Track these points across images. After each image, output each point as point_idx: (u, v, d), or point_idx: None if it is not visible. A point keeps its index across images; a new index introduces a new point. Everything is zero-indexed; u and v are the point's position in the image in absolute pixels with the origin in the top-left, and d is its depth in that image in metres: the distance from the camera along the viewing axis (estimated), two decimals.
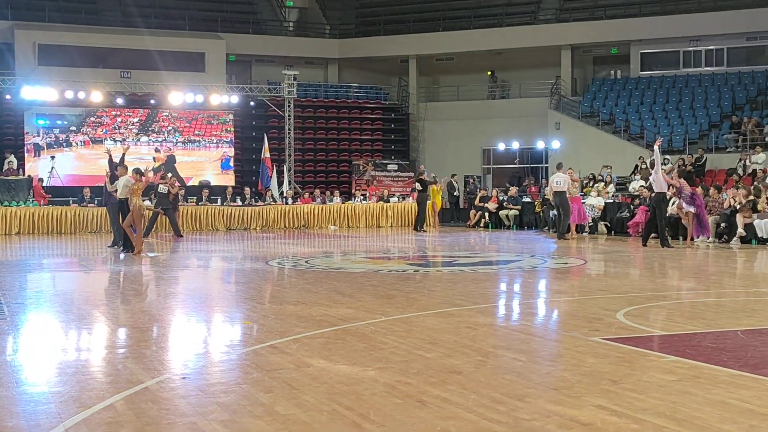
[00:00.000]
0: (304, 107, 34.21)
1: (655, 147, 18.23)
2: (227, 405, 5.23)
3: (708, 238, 18.83)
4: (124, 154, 18.30)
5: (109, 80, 30.27)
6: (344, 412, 5.02)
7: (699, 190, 20.34)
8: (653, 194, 18.38)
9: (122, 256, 16.63)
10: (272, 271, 14.26)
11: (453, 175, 31.07)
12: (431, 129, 35.84)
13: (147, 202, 23.80)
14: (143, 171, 17.67)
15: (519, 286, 12.17)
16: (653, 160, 18.45)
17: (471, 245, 20.41)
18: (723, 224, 19.39)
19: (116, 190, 17.25)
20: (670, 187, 18.70)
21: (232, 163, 32.43)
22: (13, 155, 28.23)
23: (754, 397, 5.30)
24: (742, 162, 25.19)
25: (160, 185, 22.20)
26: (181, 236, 22.13)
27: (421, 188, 26.24)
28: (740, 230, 18.75)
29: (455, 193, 30.72)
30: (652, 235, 18.85)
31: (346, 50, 36.47)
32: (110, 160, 18.46)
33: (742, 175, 24.32)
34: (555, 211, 21.75)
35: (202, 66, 33.13)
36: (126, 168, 17.48)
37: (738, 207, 19.11)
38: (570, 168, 22.16)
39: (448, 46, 35.34)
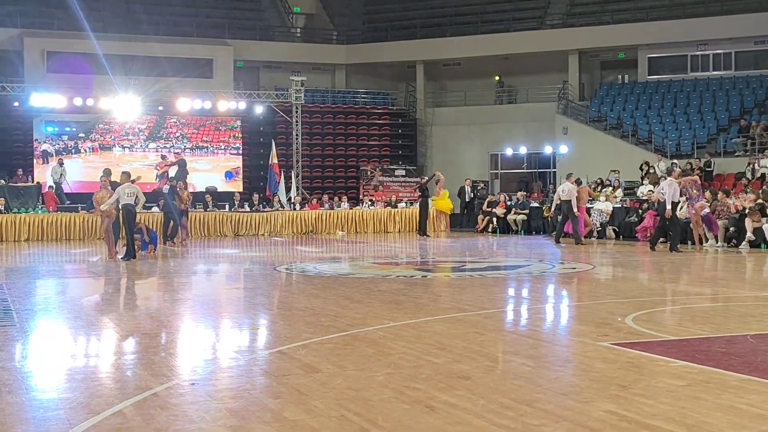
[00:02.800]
0: (311, 113, 34.23)
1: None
2: (236, 411, 5.24)
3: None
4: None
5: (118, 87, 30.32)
6: (353, 418, 5.03)
7: (707, 194, 20.35)
8: (659, 203, 18.41)
9: (124, 261, 16.62)
10: (280, 276, 14.28)
11: (466, 180, 31.07)
12: (439, 134, 35.84)
13: (155, 209, 23.90)
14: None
15: (527, 291, 12.15)
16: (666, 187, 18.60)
17: (479, 250, 20.39)
18: (732, 228, 19.33)
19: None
20: (683, 192, 18.91)
21: (240, 171, 32.41)
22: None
23: (764, 401, 5.28)
24: (751, 166, 25.12)
25: (165, 188, 22.27)
26: (173, 243, 21.84)
27: (420, 194, 26.17)
28: (749, 234, 18.69)
29: (467, 198, 30.70)
30: (660, 239, 18.88)
31: (353, 56, 36.51)
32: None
33: (750, 179, 24.24)
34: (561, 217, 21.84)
35: (210, 72, 33.20)
36: (128, 175, 17.60)
37: (747, 211, 19.06)
38: (571, 174, 22.26)
39: (455, 51, 35.33)
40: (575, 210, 20.89)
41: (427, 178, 27.69)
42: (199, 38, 33.72)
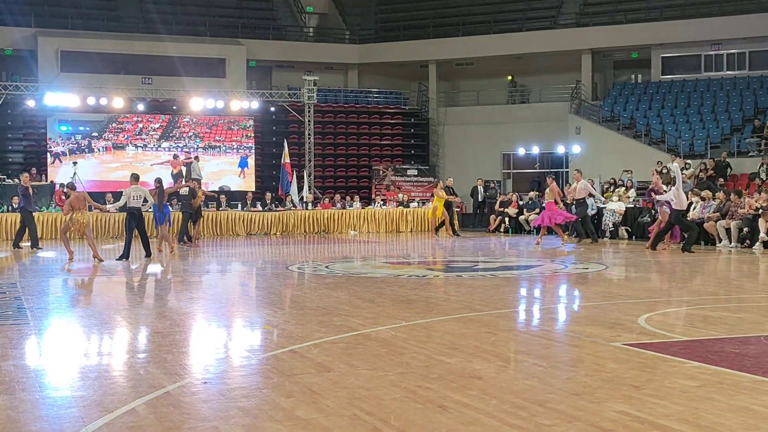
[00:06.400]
0: (324, 112, 34.25)
1: (674, 166, 18.62)
2: (248, 409, 5.26)
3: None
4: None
5: (131, 86, 30.46)
6: (365, 417, 5.03)
7: (720, 194, 20.31)
8: (672, 210, 18.39)
9: (144, 261, 16.77)
10: (292, 276, 14.30)
11: (478, 179, 31.04)
12: (451, 134, 35.80)
13: (167, 209, 23.96)
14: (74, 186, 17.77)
15: (539, 291, 12.13)
16: (674, 177, 18.77)
17: (491, 250, 20.37)
18: (745, 229, 19.24)
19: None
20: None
21: (251, 162, 32.38)
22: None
23: None
24: (765, 166, 24.97)
25: (182, 189, 22.35)
26: (184, 242, 22.00)
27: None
28: (762, 235, 18.61)
29: (480, 198, 30.67)
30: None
31: (366, 55, 36.50)
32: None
33: (764, 179, 24.12)
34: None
35: (223, 72, 33.27)
36: (137, 177, 17.62)
37: (760, 211, 18.96)
38: (552, 177, 22.64)
39: (467, 51, 35.27)
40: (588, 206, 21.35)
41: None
42: (211, 38, 33.81)
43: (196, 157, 29.43)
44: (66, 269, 15.59)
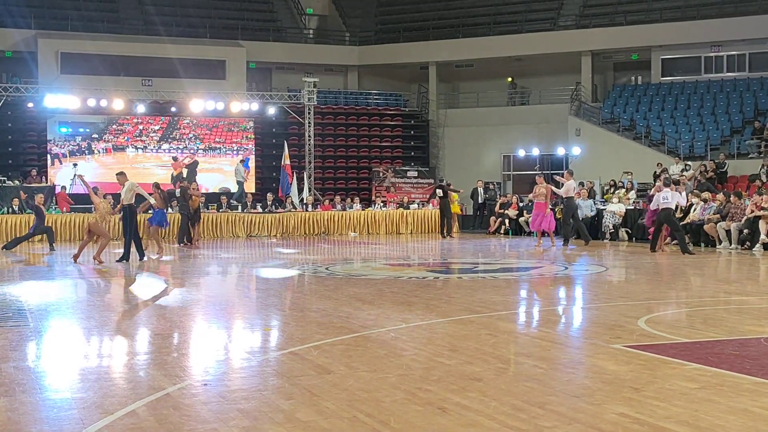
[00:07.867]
0: (324, 114, 34.27)
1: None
2: (248, 412, 5.26)
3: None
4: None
5: (131, 88, 30.47)
6: (365, 419, 5.03)
7: (720, 196, 20.29)
8: (661, 210, 18.37)
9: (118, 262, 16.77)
10: (292, 277, 14.30)
11: (478, 181, 31.07)
12: (451, 135, 35.82)
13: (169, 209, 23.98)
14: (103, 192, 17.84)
15: (539, 293, 12.13)
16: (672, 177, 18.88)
17: (491, 252, 20.37)
18: (746, 231, 19.24)
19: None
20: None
21: (252, 163, 32.40)
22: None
23: None
24: (765, 168, 24.98)
25: (179, 190, 22.38)
26: (184, 244, 22.05)
27: (442, 195, 26.47)
28: (763, 236, 18.60)
29: (480, 200, 30.68)
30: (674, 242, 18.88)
31: (365, 57, 36.53)
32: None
33: (764, 180, 24.12)
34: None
35: (223, 73, 33.30)
36: (124, 175, 17.43)
37: (761, 213, 18.95)
38: (541, 177, 22.58)
39: (467, 52, 35.32)
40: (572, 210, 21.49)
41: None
42: (212, 39, 33.85)
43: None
44: (73, 266, 15.63)
